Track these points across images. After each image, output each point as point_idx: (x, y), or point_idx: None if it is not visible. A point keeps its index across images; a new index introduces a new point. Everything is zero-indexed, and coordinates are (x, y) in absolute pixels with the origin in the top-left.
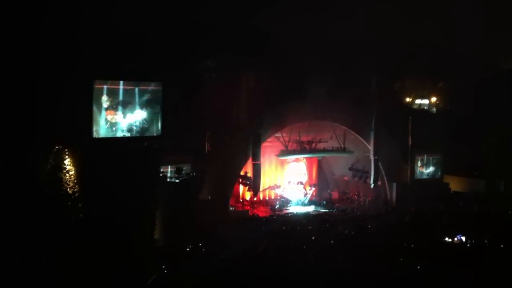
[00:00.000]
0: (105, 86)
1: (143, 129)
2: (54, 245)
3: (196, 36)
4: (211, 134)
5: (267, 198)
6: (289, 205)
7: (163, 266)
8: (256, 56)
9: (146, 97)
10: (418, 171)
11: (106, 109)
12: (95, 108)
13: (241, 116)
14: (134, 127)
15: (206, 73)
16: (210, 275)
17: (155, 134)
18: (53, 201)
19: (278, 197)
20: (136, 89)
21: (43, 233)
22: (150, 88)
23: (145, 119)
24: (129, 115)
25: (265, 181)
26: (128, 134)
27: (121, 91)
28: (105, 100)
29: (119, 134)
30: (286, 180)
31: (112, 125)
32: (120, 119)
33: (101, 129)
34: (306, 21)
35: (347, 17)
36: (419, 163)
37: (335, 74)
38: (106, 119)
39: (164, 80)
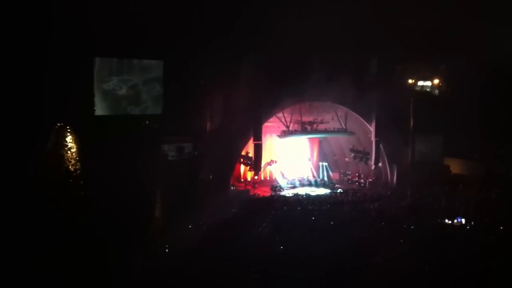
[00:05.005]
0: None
1: (145, 107)
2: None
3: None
4: (212, 114)
5: (268, 178)
6: (290, 185)
7: (166, 245)
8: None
9: (147, 75)
10: (419, 153)
11: (108, 86)
12: (97, 86)
13: (243, 96)
14: (136, 106)
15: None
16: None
17: (156, 113)
18: (55, 179)
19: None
20: (138, 67)
21: (45, 211)
22: (151, 66)
23: (146, 98)
24: (130, 92)
25: (266, 159)
26: (130, 111)
27: (123, 69)
28: (107, 78)
29: (121, 112)
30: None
31: (114, 102)
32: (122, 95)
33: (103, 107)
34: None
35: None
36: (420, 145)
37: (336, 55)
38: (108, 96)
39: (165, 59)
